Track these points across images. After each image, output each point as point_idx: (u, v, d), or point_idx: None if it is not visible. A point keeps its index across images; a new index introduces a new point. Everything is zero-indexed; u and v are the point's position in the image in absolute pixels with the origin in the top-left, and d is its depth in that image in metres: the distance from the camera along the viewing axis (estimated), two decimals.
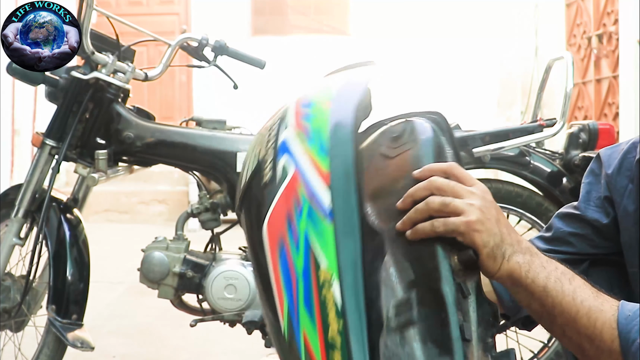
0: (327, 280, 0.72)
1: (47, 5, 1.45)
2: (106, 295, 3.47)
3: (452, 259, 0.80)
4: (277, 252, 0.77)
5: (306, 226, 0.76)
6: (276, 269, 0.77)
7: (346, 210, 0.76)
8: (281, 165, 0.81)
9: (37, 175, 1.96)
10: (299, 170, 0.79)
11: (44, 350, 1.96)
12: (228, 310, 1.94)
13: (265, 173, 0.82)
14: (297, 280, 0.74)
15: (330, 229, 0.74)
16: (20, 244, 1.97)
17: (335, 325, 0.70)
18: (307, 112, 0.85)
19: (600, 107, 5.23)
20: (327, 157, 0.78)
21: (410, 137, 0.89)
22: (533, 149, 2.16)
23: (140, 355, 2.68)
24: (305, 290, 0.73)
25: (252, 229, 0.82)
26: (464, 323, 0.76)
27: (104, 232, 5.11)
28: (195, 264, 1.98)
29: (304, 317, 0.72)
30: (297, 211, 0.77)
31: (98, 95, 1.95)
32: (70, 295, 1.93)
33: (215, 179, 2.05)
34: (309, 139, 0.81)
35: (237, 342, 2.60)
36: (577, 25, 5.69)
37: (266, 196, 0.80)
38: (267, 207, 0.79)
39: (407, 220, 0.82)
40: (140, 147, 1.99)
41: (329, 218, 0.75)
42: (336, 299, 0.71)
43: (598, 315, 0.79)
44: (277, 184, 0.80)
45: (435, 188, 0.82)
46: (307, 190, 0.77)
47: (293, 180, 0.79)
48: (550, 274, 0.82)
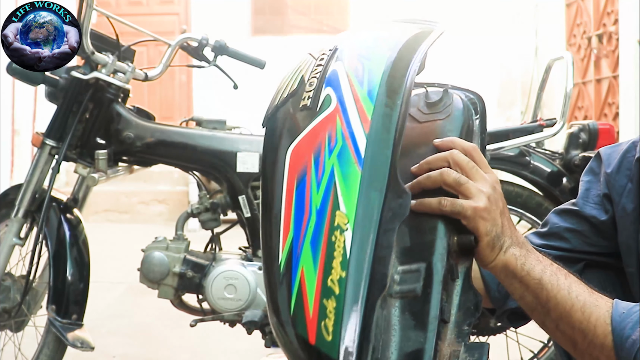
0: (342, 226, 0.69)
1: (47, 5, 1.44)
2: (106, 295, 3.47)
3: (451, 238, 0.80)
4: (296, 181, 0.73)
5: (334, 164, 0.72)
6: (289, 198, 0.73)
7: (378, 161, 0.72)
8: (324, 94, 0.77)
9: (37, 175, 1.96)
10: (342, 107, 0.76)
11: (44, 350, 1.96)
12: (228, 310, 1.94)
13: (306, 96, 0.78)
14: (309, 215, 0.71)
15: (357, 175, 0.71)
16: (20, 244, 1.97)
17: (337, 273, 0.67)
18: (365, 52, 0.81)
19: (600, 107, 5.23)
20: (373, 105, 0.75)
21: (443, 108, 0.89)
22: (533, 149, 2.16)
23: (140, 355, 2.68)
24: (315, 227, 0.70)
25: (274, 149, 0.78)
26: (445, 304, 0.75)
27: (104, 232, 5.11)
28: (195, 264, 1.98)
29: (307, 254, 0.69)
30: (328, 146, 0.74)
31: (98, 95, 1.95)
32: (70, 295, 1.93)
33: (215, 179, 2.05)
34: (359, 80, 0.77)
35: (237, 342, 2.60)
36: (577, 25, 5.69)
37: (300, 120, 0.77)
38: (298, 132, 0.76)
39: (417, 184, 0.82)
40: (140, 147, 1.99)
41: (360, 164, 0.72)
42: (345, 247, 0.68)
43: (593, 310, 0.80)
44: (315, 111, 0.76)
45: (454, 162, 0.82)
46: (345, 130, 0.74)
47: (333, 114, 0.75)
48: (545, 268, 0.83)
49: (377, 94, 0.76)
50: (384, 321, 0.72)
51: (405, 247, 0.79)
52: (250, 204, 1.99)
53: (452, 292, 0.79)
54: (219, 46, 2.09)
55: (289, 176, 0.74)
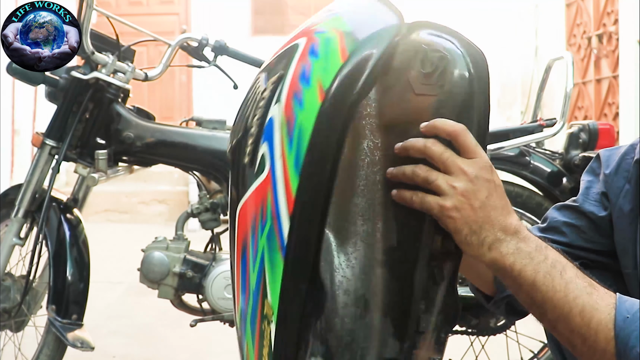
0: (268, 317, 0.72)
1: (47, 5, 1.44)
2: (106, 295, 3.47)
3: (435, 240, 0.78)
4: (241, 249, 0.77)
5: (264, 247, 0.74)
6: (238, 265, 0.76)
7: (300, 250, 0.72)
8: (261, 153, 0.76)
9: (37, 175, 1.96)
10: (272, 177, 0.74)
11: (44, 350, 1.96)
12: (228, 310, 1.94)
13: (248, 151, 0.77)
14: (249, 295, 0.74)
15: (281, 265, 0.72)
16: (20, 244, 1.97)
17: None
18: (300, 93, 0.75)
19: (600, 107, 5.23)
20: (297, 179, 0.72)
21: (439, 80, 0.78)
22: (533, 149, 2.16)
23: (140, 355, 2.68)
24: (253, 310, 0.74)
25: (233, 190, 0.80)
26: (422, 315, 0.75)
27: (104, 232, 5.11)
28: (195, 264, 1.98)
29: (249, 332, 0.74)
30: (261, 224, 0.74)
31: (98, 95, 1.95)
32: (70, 295, 1.93)
33: (215, 179, 2.05)
34: (289, 139, 0.73)
35: (237, 342, 2.60)
36: (577, 25, 5.69)
37: (245, 176, 0.77)
38: (245, 190, 0.77)
39: (394, 174, 0.78)
40: (140, 147, 1.99)
41: (283, 252, 0.72)
42: (271, 340, 0.72)
43: (593, 314, 0.76)
44: (253, 173, 0.76)
45: (428, 156, 0.77)
46: (273, 208, 0.73)
47: (264, 185, 0.74)
48: (538, 267, 0.77)
49: (302, 164, 0.73)
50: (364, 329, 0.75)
51: (392, 247, 0.77)
52: None
53: (435, 295, 0.77)
54: (219, 46, 2.09)
55: (238, 238, 0.77)
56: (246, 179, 0.77)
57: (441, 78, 0.78)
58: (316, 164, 0.72)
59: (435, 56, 0.79)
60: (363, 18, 0.82)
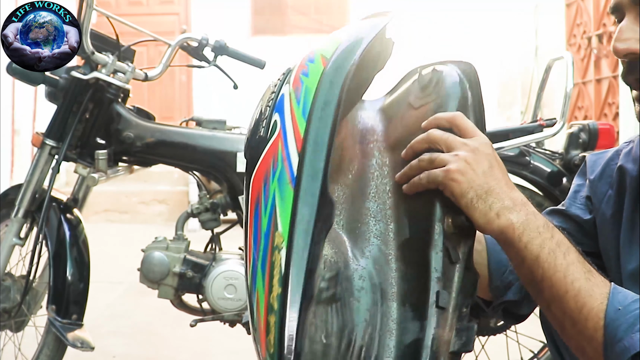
0: (279, 245, 0.74)
1: (47, 5, 1.44)
2: (106, 295, 3.47)
3: (446, 221, 0.79)
4: (253, 208, 0.79)
5: (275, 189, 0.77)
6: (250, 224, 0.78)
7: (310, 177, 0.76)
8: (272, 121, 0.81)
9: (37, 175, 1.96)
10: (282, 131, 0.79)
11: (44, 350, 1.96)
12: (228, 310, 1.94)
13: (261, 127, 0.83)
14: (260, 240, 0.76)
15: (291, 194, 0.75)
16: (20, 244, 1.98)
17: (276, 290, 0.72)
18: (306, 69, 0.84)
19: (600, 107, 5.23)
20: (305, 122, 0.78)
21: (435, 89, 0.88)
22: (533, 149, 2.16)
23: (140, 355, 2.69)
24: (263, 251, 0.75)
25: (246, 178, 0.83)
26: (441, 290, 0.76)
27: (104, 232, 5.11)
28: (195, 264, 1.98)
29: (259, 277, 0.75)
30: (272, 172, 0.78)
31: (98, 95, 1.95)
32: (70, 295, 1.93)
33: (215, 179, 2.05)
34: (297, 100, 0.81)
35: (237, 342, 2.60)
36: (577, 25, 5.69)
37: (257, 150, 0.81)
38: (256, 161, 0.81)
39: (403, 175, 0.83)
40: (140, 147, 1.99)
41: (292, 183, 0.76)
42: (281, 265, 0.73)
43: (586, 300, 0.76)
44: (266, 140, 0.80)
45: (432, 141, 0.82)
46: (283, 153, 0.78)
47: (276, 140, 0.79)
48: (544, 243, 0.78)
49: (309, 110, 0.79)
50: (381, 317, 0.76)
51: (405, 239, 0.80)
52: None
53: (453, 275, 0.78)
54: (219, 46, 2.09)
55: (250, 205, 0.79)
56: (258, 150, 0.81)
57: (437, 87, 0.87)
58: (322, 109, 0.78)
59: (428, 71, 0.90)
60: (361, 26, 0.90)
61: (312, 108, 0.79)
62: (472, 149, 0.80)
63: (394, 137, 0.89)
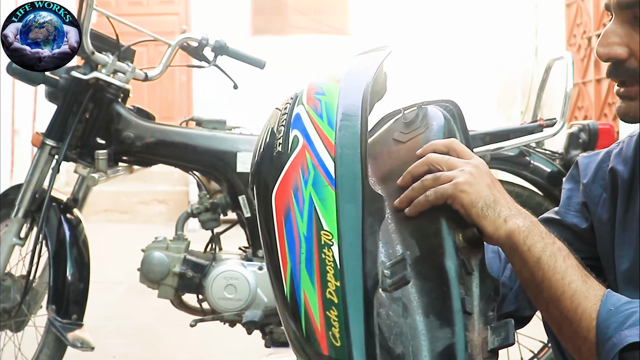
0: (327, 242, 0.76)
1: (47, 5, 1.44)
2: (106, 295, 3.47)
3: (456, 236, 0.82)
4: (283, 219, 0.80)
5: (311, 193, 0.80)
6: (281, 235, 0.79)
7: (349, 178, 0.79)
8: (292, 137, 0.85)
9: (37, 175, 1.96)
10: (308, 142, 0.83)
11: (44, 350, 1.96)
12: (228, 310, 1.94)
13: (277, 143, 0.86)
14: (300, 244, 0.78)
15: (332, 195, 0.78)
16: (20, 244, 1.97)
17: (333, 284, 0.74)
18: (319, 90, 0.89)
19: (600, 107, 5.23)
20: (334, 130, 0.83)
21: (422, 122, 0.94)
22: (533, 149, 2.16)
23: (140, 355, 2.69)
24: (307, 252, 0.77)
25: (262, 198, 0.85)
26: (465, 297, 0.78)
27: (104, 232, 5.11)
28: (195, 264, 1.97)
29: (305, 278, 0.75)
30: (303, 179, 0.81)
31: (98, 95, 1.95)
32: (70, 295, 1.93)
33: (215, 179, 2.05)
34: (318, 114, 0.85)
35: (237, 342, 2.60)
36: (577, 25, 5.69)
37: (277, 166, 0.84)
38: (277, 176, 0.83)
39: (405, 198, 0.86)
40: (140, 147, 1.99)
41: (332, 185, 0.79)
42: (335, 260, 0.75)
43: (581, 301, 0.79)
44: (287, 154, 0.84)
45: (431, 163, 0.86)
46: (314, 160, 0.82)
47: (302, 150, 0.83)
48: (546, 247, 0.81)
49: (335, 120, 0.84)
50: (409, 329, 0.77)
51: (417, 256, 0.82)
52: (250, 204, 1.99)
53: (471, 285, 0.81)
54: (219, 46, 2.09)
55: (277, 218, 0.81)
56: (277, 166, 0.84)
57: (424, 120, 0.94)
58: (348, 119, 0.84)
59: (410, 109, 0.96)
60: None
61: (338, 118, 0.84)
62: (473, 166, 0.85)
63: (384, 170, 0.93)
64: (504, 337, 0.77)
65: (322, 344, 0.72)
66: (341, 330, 0.71)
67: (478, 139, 2.02)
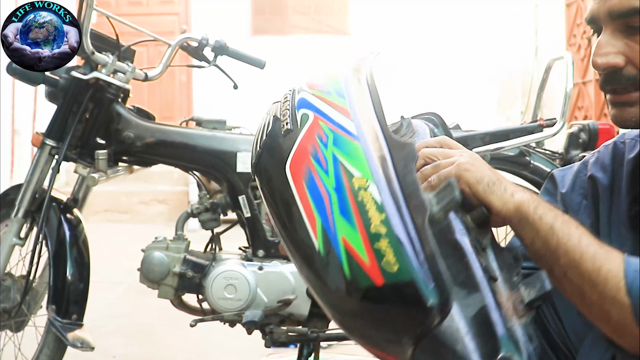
0: (363, 185, 0.76)
1: (47, 5, 1.45)
2: (106, 295, 3.47)
3: (465, 218, 0.82)
4: (304, 182, 0.80)
5: (333, 151, 0.80)
6: (304, 198, 0.79)
7: (371, 131, 0.81)
8: (300, 115, 0.86)
9: (37, 175, 1.96)
10: (320, 114, 0.85)
11: (44, 350, 1.96)
12: (228, 310, 1.94)
13: (284, 123, 0.86)
14: (329, 197, 0.77)
15: (358, 146, 0.80)
16: (20, 244, 1.97)
17: (377, 217, 0.74)
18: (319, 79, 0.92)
19: (600, 107, 5.23)
20: (345, 99, 0.85)
21: (407, 130, 0.96)
22: (533, 149, 2.16)
23: (140, 355, 2.69)
24: (340, 200, 0.76)
25: (272, 179, 0.85)
26: (487, 265, 0.78)
27: (104, 232, 5.11)
28: (195, 264, 1.97)
29: (341, 223, 0.75)
30: (322, 143, 0.81)
31: (98, 95, 1.95)
32: (70, 295, 1.93)
33: (215, 179, 2.05)
34: (326, 91, 0.88)
35: (237, 342, 2.60)
36: (577, 25, 5.69)
37: (287, 142, 0.84)
38: (289, 151, 0.83)
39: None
40: (140, 147, 1.99)
41: (356, 139, 0.80)
42: (375, 197, 0.75)
43: (603, 262, 0.77)
44: (297, 129, 0.84)
45: (427, 156, 0.88)
46: (331, 125, 0.83)
47: (315, 121, 0.84)
48: (557, 216, 0.81)
49: (344, 91, 0.87)
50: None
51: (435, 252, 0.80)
52: (250, 204, 1.99)
53: (488, 260, 0.81)
54: (219, 46, 2.09)
55: (295, 184, 0.80)
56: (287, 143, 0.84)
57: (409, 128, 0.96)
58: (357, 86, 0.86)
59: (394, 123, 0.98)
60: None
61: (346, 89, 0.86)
62: (469, 153, 0.87)
63: None
64: (539, 287, 0.76)
65: (374, 277, 0.72)
66: (397, 253, 0.71)
67: (478, 139, 2.02)
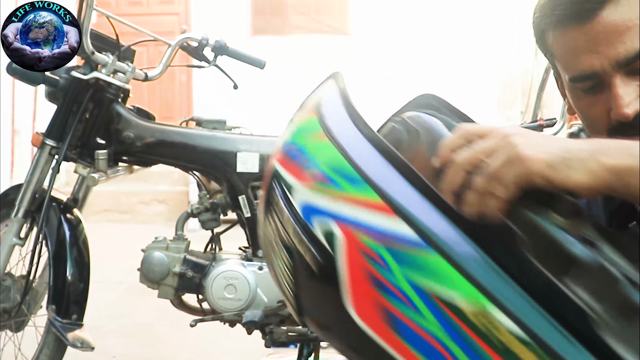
0: (480, 312, 0.55)
1: (47, 5, 1.45)
2: (106, 295, 3.47)
3: (551, 216, 0.60)
4: (388, 326, 0.59)
5: (407, 277, 0.58)
6: (399, 346, 0.59)
7: (433, 223, 0.58)
8: (320, 234, 0.63)
9: (37, 175, 1.96)
10: (345, 223, 0.61)
11: (44, 350, 1.96)
12: (228, 310, 1.94)
13: (309, 261, 0.64)
14: (440, 342, 0.57)
15: (436, 257, 0.57)
16: (20, 244, 1.97)
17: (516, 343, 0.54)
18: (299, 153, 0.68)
19: None
20: (367, 184, 0.61)
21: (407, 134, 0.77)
22: None
23: (140, 355, 2.69)
24: (457, 341, 0.56)
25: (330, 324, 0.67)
26: (623, 269, 0.58)
27: (104, 232, 5.11)
28: (195, 264, 1.97)
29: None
30: (379, 268, 0.59)
31: (98, 95, 1.95)
32: (70, 295, 1.93)
33: (215, 179, 2.05)
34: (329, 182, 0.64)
35: (237, 342, 2.60)
36: None
37: (328, 284, 0.63)
38: (338, 290, 0.62)
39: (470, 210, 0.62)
40: (140, 147, 1.99)
41: (425, 246, 0.58)
42: (507, 326, 0.54)
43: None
44: (331, 259, 0.62)
45: (465, 167, 0.63)
46: (372, 237, 0.60)
47: (347, 239, 0.61)
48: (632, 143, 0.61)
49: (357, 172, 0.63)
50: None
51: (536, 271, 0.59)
52: (251, 204, 1.99)
53: (609, 257, 0.59)
54: (219, 46, 2.09)
55: (375, 329, 0.61)
56: (329, 284, 0.64)
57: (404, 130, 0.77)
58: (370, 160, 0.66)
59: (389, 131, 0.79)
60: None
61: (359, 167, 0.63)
62: (507, 130, 0.63)
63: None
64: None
65: None
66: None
67: None
